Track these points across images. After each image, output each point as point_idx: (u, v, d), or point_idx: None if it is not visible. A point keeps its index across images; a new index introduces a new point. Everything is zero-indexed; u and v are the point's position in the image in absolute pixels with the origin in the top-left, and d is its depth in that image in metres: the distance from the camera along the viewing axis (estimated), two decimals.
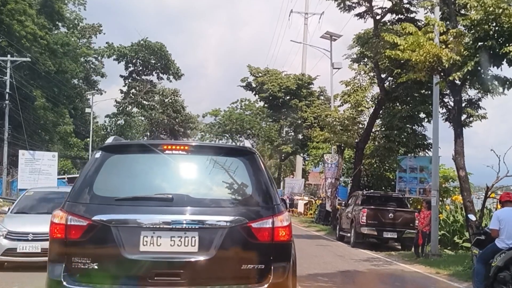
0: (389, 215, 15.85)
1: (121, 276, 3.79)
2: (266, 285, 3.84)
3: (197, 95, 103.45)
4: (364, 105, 21.71)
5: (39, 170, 32.23)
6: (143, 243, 3.79)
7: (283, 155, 43.00)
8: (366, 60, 23.16)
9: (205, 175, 4.18)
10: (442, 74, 11.65)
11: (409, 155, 21.02)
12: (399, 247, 16.84)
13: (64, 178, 34.43)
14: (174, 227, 3.81)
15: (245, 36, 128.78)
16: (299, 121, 39.38)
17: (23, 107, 37.88)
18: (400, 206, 16.56)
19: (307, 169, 37.31)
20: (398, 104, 19.85)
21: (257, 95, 42.43)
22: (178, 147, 4.20)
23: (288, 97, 40.47)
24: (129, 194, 3.94)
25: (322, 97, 41.53)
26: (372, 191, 18.71)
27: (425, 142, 20.33)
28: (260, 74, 41.37)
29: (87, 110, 42.14)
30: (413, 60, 11.11)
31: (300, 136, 40.80)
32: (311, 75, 41.60)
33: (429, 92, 19.83)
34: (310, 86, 41.61)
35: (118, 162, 4.14)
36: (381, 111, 20.41)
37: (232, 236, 3.84)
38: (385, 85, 19.35)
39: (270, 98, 40.58)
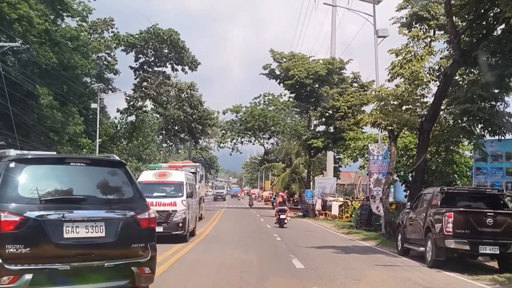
0: (488, 221, 10.72)
1: (50, 256, 5.30)
2: (148, 257, 5.88)
3: (219, 97, 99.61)
4: (422, 77, 16.67)
5: None
6: (66, 231, 5.41)
7: (312, 151, 37.97)
8: (418, 25, 18.63)
9: (102, 181, 6.13)
10: None
11: (487, 137, 15.85)
12: (494, 265, 11.80)
13: None
14: (87, 219, 5.57)
15: (268, 37, 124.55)
16: (331, 111, 34.43)
17: (26, 106, 34.26)
18: (497, 207, 11.44)
19: (345, 164, 32.22)
20: (477, 69, 14.68)
21: (281, 84, 37.54)
22: (79, 161, 6.08)
23: (317, 84, 35.62)
24: (51, 196, 5.53)
25: (355, 84, 36.46)
26: (455, 187, 13.58)
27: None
28: (284, 60, 36.54)
29: (93, 105, 37.90)
30: None
31: (331, 129, 35.86)
32: (342, 59, 36.56)
33: None
34: (342, 71, 36.64)
35: (33, 170, 5.64)
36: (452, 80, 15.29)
37: (127, 224, 5.81)
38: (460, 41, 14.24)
39: (297, 86, 35.74)
